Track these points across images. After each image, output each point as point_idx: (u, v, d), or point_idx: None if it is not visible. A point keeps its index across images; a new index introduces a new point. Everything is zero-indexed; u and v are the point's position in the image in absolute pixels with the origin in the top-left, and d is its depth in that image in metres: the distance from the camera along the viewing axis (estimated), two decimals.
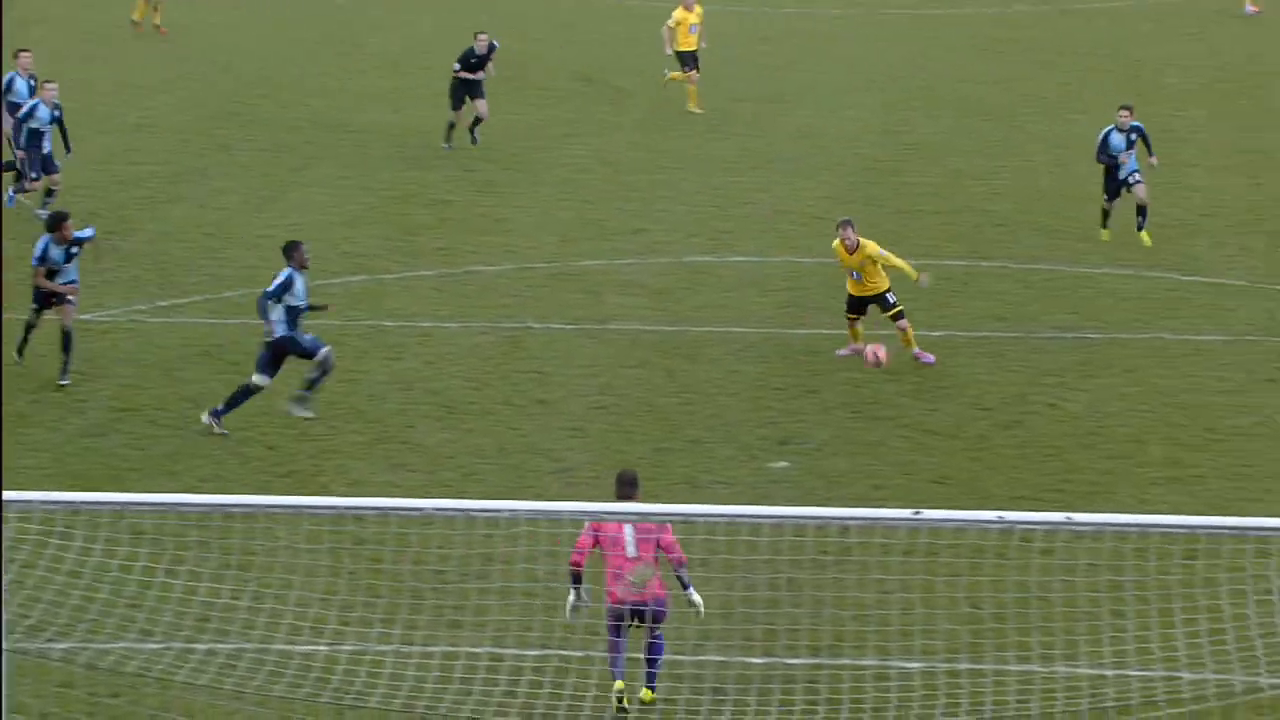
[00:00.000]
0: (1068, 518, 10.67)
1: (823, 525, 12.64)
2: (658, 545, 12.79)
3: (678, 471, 18.31)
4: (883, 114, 33.99)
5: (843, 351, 21.11)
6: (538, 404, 20.33)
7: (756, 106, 33.54)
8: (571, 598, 12.91)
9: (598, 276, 25.16)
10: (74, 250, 20.48)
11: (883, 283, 21.03)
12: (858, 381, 20.82)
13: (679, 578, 12.84)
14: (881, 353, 20.19)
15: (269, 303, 18.81)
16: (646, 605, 12.50)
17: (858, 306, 21.22)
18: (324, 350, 18.94)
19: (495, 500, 15.13)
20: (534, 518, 11.47)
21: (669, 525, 12.77)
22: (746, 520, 12.56)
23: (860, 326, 21.16)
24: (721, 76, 35.07)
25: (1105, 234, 25.64)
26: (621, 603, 12.65)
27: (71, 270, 20.47)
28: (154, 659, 13.05)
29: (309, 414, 18.98)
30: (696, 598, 12.88)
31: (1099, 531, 11.58)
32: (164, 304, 23.55)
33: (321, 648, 12.81)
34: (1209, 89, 35.70)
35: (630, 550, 12.70)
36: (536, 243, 26.47)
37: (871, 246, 21.08)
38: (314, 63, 38.03)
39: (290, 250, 19.10)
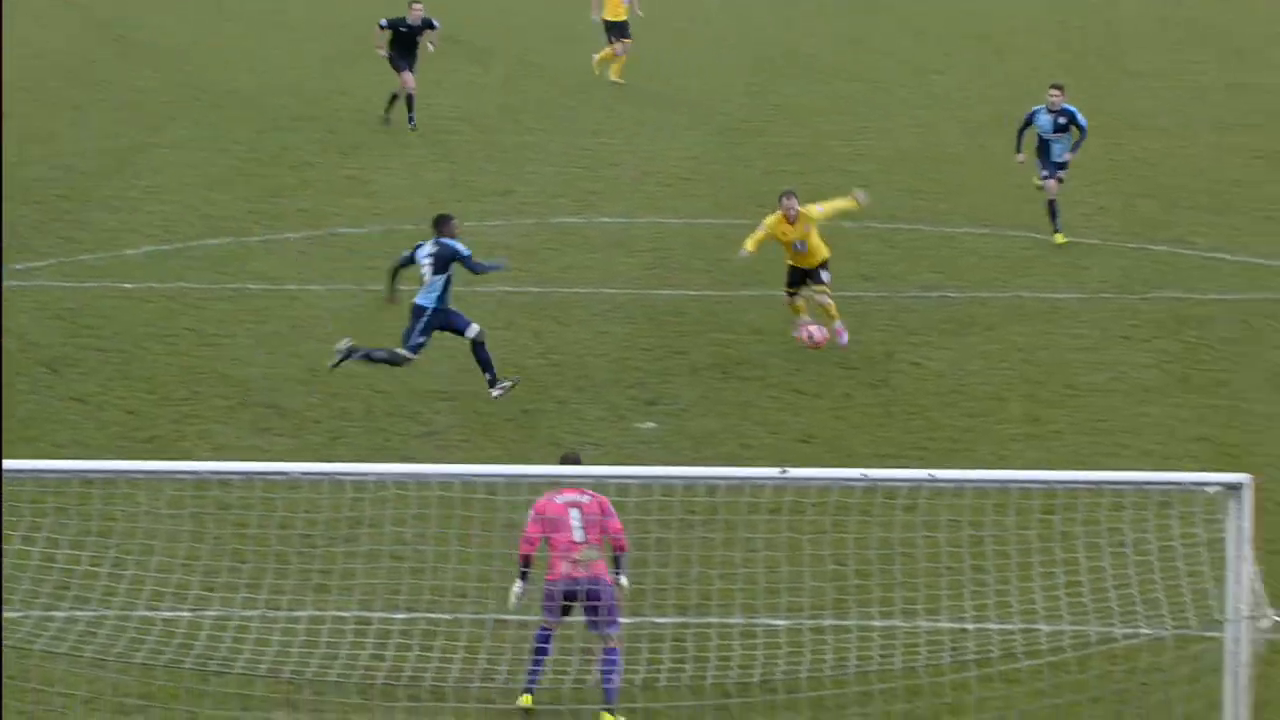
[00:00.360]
0: (930, 475, 10.83)
1: (690, 485, 12.71)
2: (603, 531, 12.68)
3: (545, 433, 18.32)
4: (748, 74, 34.12)
5: (799, 334, 19.84)
6: (405, 366, 20.21)
7: (623, 67, 33.47)
8: (516, 587, 12.80)
9: (465, 238, 24.99)
10: None
11: (824, 250, 20.15)
12: (725, 342, 20.93)
13: (616, 562, 12.77)
14: (819, 333, 19.57)
15: (476, 265, 18.64)
16: (580, 583, 12.40)
17: (798, 279, 20.20)
18: (408, 359, 18.57)
19: (362, 463, 15.03)
20: (402, 481, 11.42)
21: (614, 511, 12.68)
22: (614, 480, 12.59)
23: (801, 301, 20.22)
24: (586, 37, 34.99)
25: (1060, 238, 23.84)
26: (559, 579, 12.54)
27: None
28: (11, 627, 12.82)
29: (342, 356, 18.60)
30: (625, 581, 12.87)
31: (960, 488, 11.77)
32: (19, 267, 23.07)
33: (184, 613, 12.67)
34: (1064, 48, 36.26)
35: (577, 535, 12.60)
36: (403, 204, 26.27)
37: (812, 210, 20.21)
38: (169, 21, 37.34)
39: (441, 223, 18.83)
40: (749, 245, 20.22)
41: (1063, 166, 24.05)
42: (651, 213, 25.81)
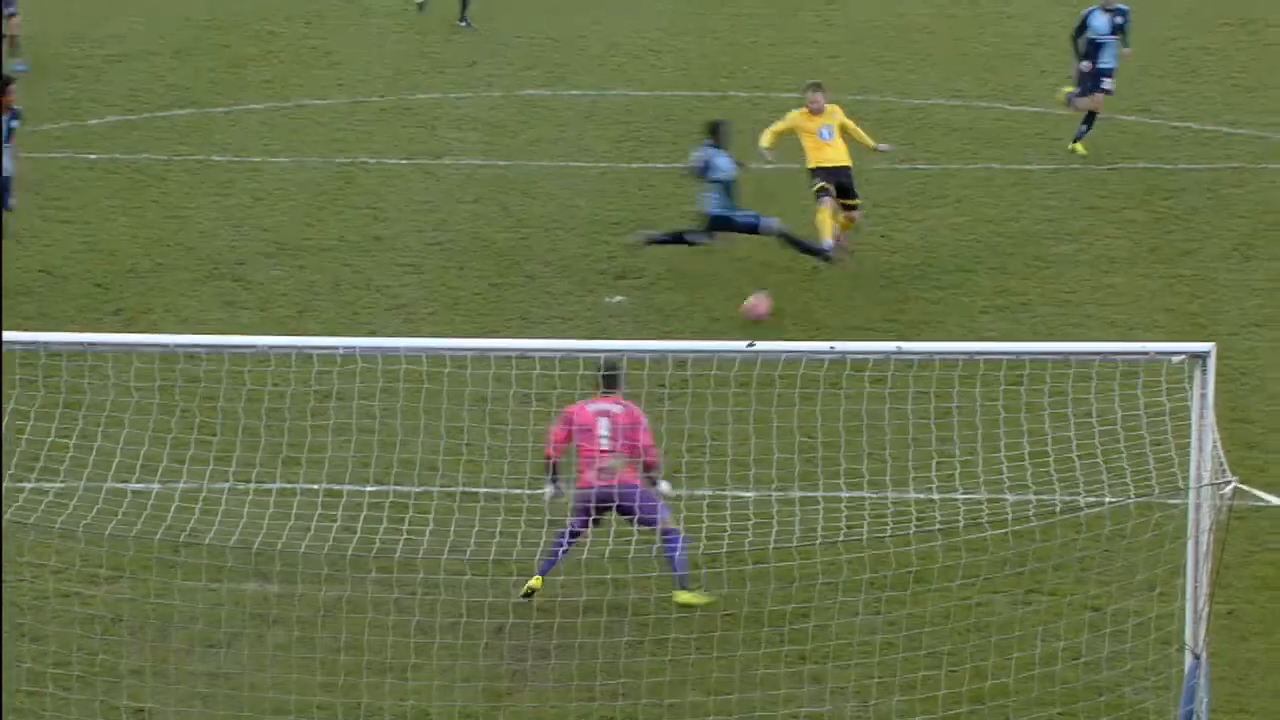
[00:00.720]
0: (898, 347, 10.86)
1: (659, 358, 12.73)
2: (633, 442, 12.64)
3: (513, 307, 18.31)
4: None
5: (829, 243, 18.62)
6: (373, 240, 20.15)
7: None
8: (549, 490, 12.85)
9: (431, 110, 24.83)
10: (13, 124, 17.76)
11: (847, 154, 18.95)
12: (693, 215, 20.91)
13: (649, 476, 12.76)
14: (763, 305, 17.84)
15: (709, 181, 18.55)
16: (613, 490, 12.40)
17: (829, 179, 18.72)
18: (765, 223, 18.58)
19: (330, 337, 15.01)
20: (370, 354, 11.41)
21: (645, 423, 12.64)
22: (583, 355, 12.61)
23: (831, 207, 18.60)
24: None
25: (1081, 148, 22.32)
26: (590, 486, 12.56)
27: (6, 156, 17.63)
28: None
29: (830, 257, 18.65)
30: (665, 486, 12.88)
31: (928, 359, 11.80)
32: None
33: (154, 486, 12.70)
34: None
35: (604, 443, 12.58)
36: (368, 76, 26.04)
37: (841, 112, 19.19)
38: None
39: (715, 129, 18.68)
40: (766, 141, 19.07)
41: (1110, 75, 22.35)
42: (620, 85, 25.63)
